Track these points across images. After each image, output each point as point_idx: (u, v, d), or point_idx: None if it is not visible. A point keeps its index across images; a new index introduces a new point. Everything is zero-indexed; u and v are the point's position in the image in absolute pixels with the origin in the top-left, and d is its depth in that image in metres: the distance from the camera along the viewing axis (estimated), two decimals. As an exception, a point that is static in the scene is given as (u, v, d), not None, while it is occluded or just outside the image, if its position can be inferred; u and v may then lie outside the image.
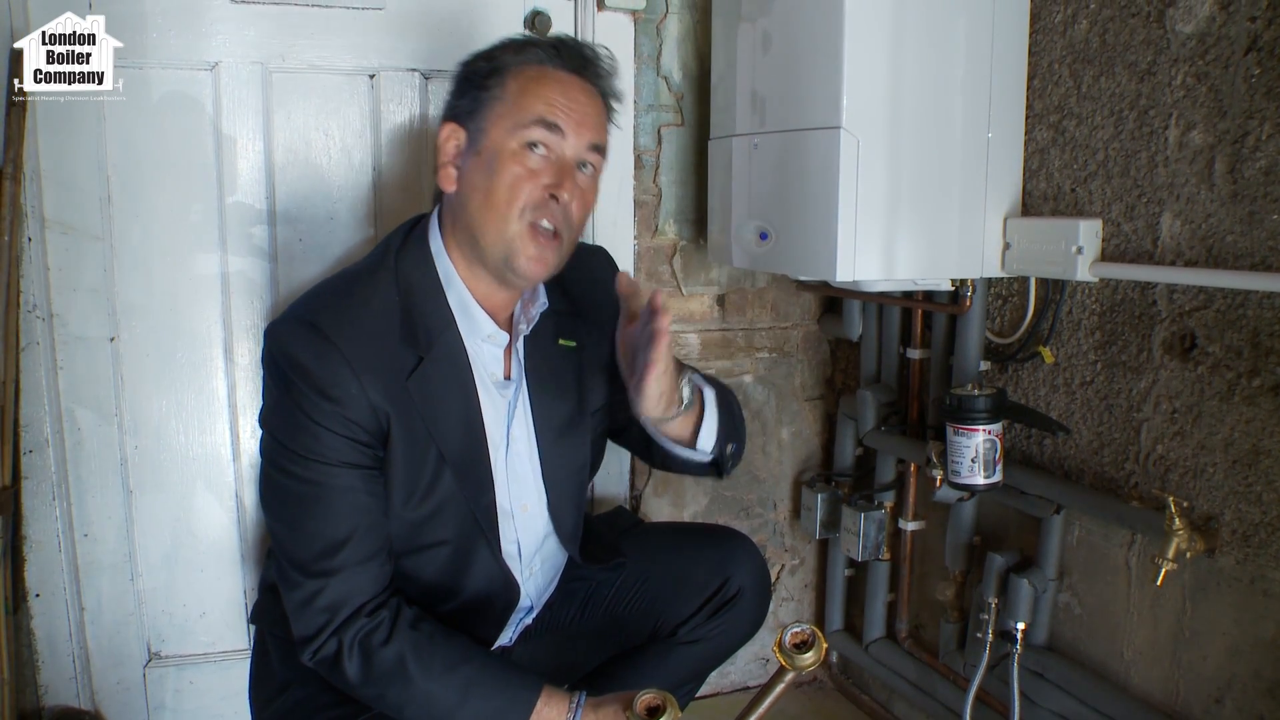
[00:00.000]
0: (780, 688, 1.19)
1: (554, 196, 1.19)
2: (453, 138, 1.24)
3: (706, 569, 1.45)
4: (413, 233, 1.28)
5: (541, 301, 1.32)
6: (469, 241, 1.23)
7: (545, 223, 1.19)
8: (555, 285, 1.35)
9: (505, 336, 1.28)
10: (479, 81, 1.22)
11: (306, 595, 1.15)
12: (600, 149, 1.24)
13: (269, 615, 1.38)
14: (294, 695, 1.29)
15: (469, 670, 1.16)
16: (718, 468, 1.34)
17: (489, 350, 1.28)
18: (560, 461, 1.37)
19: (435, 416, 1.21)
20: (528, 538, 1.36)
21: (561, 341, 1.36)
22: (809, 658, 1.16)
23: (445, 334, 1.23)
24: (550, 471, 1.36)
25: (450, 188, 1.24)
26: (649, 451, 1.38)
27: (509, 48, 1.23)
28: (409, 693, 1.14)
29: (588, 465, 1.43)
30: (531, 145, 1.19)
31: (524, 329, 1.32)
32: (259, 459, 1.24)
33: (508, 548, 1.33)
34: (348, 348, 1.15)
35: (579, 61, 1.23)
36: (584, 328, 1.39)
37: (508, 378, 1.31)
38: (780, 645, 1.17)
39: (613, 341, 1.44)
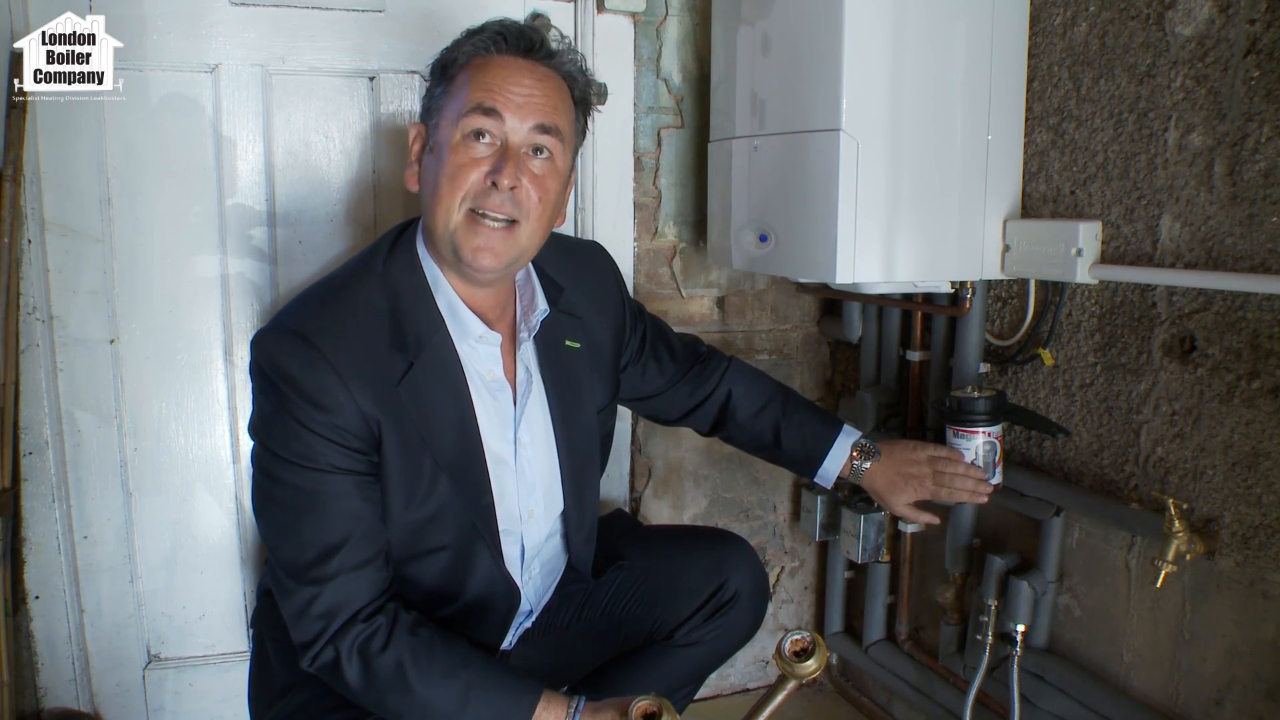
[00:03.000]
0: (781, 696, 1.19)
1: (494, 184, 1.16)
2: (418, 138, 1.25)
3: (703, 572, 1.45)
4: (401, 237, 1.28)
5: (541, 308, 1.32)
6: (429, 237, 1.23)
7: (490, 212, 1.17)
8: (552, 286, 1.35)
9: (497, 337, 1.27)
10: (436, 79, 1.23)
11: (302, 602, 1.15)
12: (553, 130, 1.19)
13: (268, 619, 1.37)
14: (295, 699, 1.29)
15: (468, 675, 1.15)
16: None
17: (484, 351, 1.27)
18: (581, 465, 1.38)
19: (428, 421, 1.20)
20: (531, 543, 1.36)
21: (568, 343, 1.37)
22: (810, 665, 1.15)
23: (435, 337, 1.22)
24: (574, 473, 1.37)
25: (414, 186, 1.25)
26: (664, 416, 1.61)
27: (462, 41, 1.22)
28: (408, 699, 1.14)
29: (600, 467, 1.44)
30: (477, 134, 1.17)
31: (524, 336, 1.31)
32: (251, 469, 1.23)
33: (510, 550, 1.33)
34: (335, 356, 1.14)
35: (524, 44, 1.20)
36: (583, 328, 1.39)
37: (512, 381, 1.31)
38: (780, 653, 1.17)
39: (614, 341, 1.44)
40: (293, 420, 1.13)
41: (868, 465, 1.53)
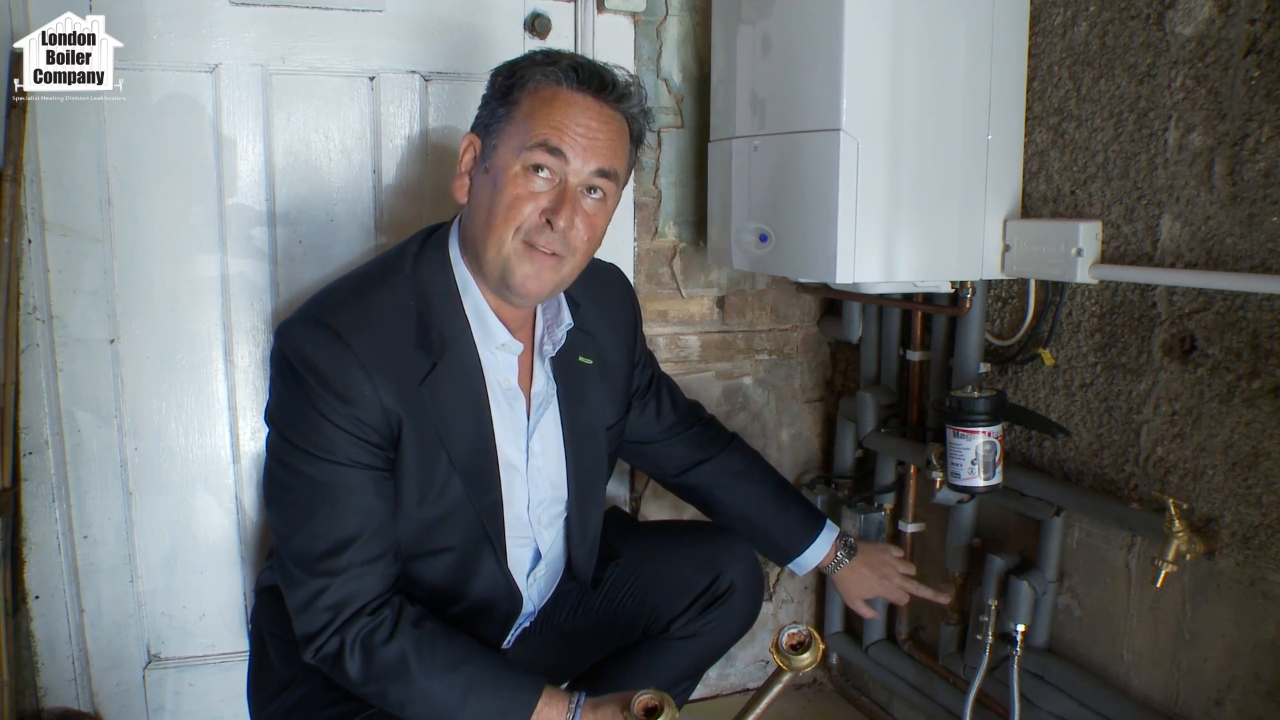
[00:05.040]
0: (778, 689, 1.19)
1: (549, 222, 1.18)
2: (470, 149, 1.24)
3: (697, 565, 1.46)
4: (431, 239, 1.28)
5: (567, 322, 1.33)
6: (472, 254, 1.24)
7: (541, 246, 1.19)
8: (570, 301, 1.36)
9: (519, 346, 1.28)
10: (499, 96, 1.21)
11: (310, 594, 1.15)
12: (611, 174, 1.21)
13: (267, 616, 1.38)
14: (295, 694, 1.29)
15: (471, 669, 1.16)
16: None
17: (503, 359, 1.28)
18: (588, 477, 1.39)
19: (446, 422, 1.21)
20: (537, 549, 1.37)
21: (581, 359, 1.37)
22: (805, 659, 1.16)
23: (459, 341, 1.23)
24: (580, 487, 1.38)
25: (462, 198, 1.25)
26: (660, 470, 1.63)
27: (532, 62, 1.20)
28: (410, 691, 1.14)
29: (606, 481, 1.45)
30: (535, 168, 1.17)
31: (549, 350, 1.32)
32: (265, 456, 1.23)
33: (522, 554, 1.33)
34: (362, 350, 1.15)
35: (596, 83, 1.20)
36: (596, 346, 1.40)
37: (526, 390, 1.31)
38: (777, 646, 1.18)
39: (624, 360, 1.45)
40: (314, 411, 1.14)
41: (847, 561, 1.58)
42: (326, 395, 1.14)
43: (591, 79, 1.19)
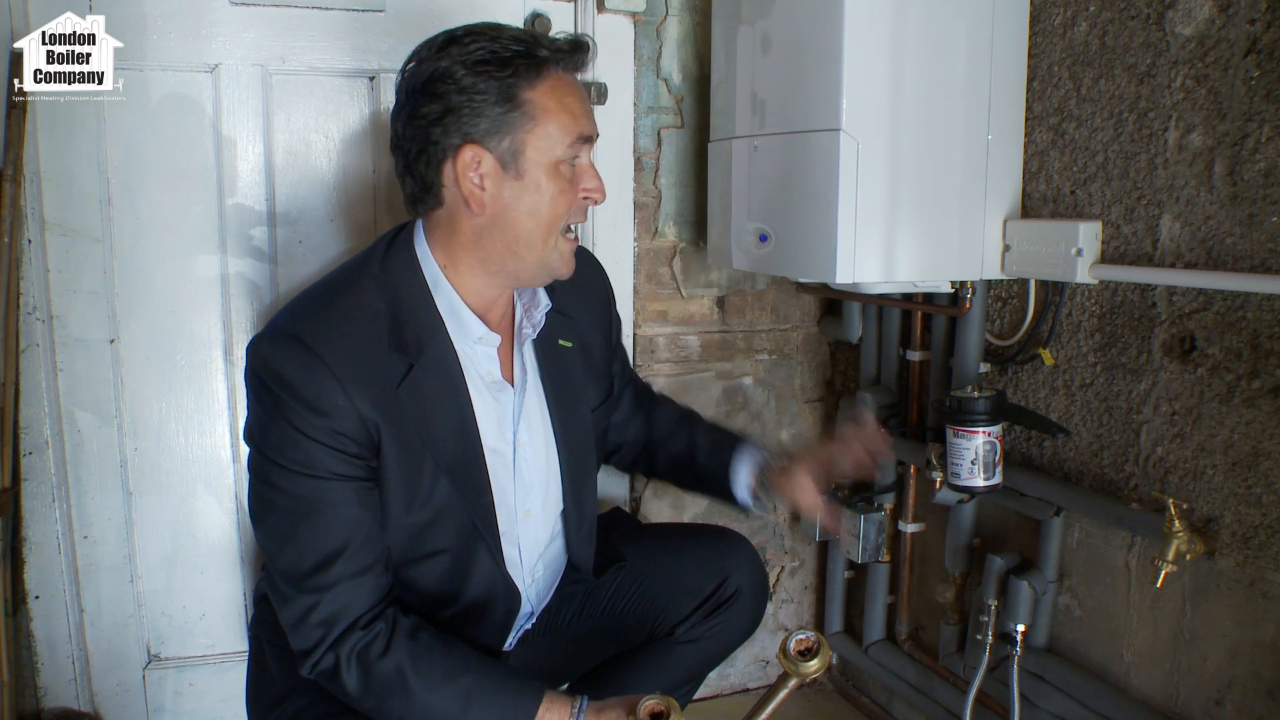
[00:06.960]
0: (784, 694, 1.20)
1: (590, 199, 1.23)
2: (479, 161, 1.17)
3: (704, 569, 1.45)
4: (396, 240, 1.27)
5: (545, 303, 1.32)
6: (497, 258, 1.22)
7: (577, 226, 1.25)
8: (546, 286, 1.36)
9: (497, 338, 1.27)
10: (497, 99, 1.16)
11: (301, 610, 1.14)
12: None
13: (266, 625, 1.37)
14: (293, 705, 1.28)
15: (469, 679, 1.15)
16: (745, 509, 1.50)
17: (482, 351, 1.27)
18: (578, 463, 1.39)
19: (428, 423, 1.20)
20: (530, 543, 1.36)
21: (561, 342, 1.37)
22: (813, 665, 1.16)
23: (435, 339, 1.22)
24: (572, 470, 1.37)
25: (482, 211, 1.19)
26: (634, 463, 1.59)
27: (518, 63, 1.16)
28: (409, 704, 1.14)
29: (597, 466, 1.45)
30: (572, 160, 1.20)
31: (529, 333, 1.32)
32: (248, 476, 1.22)
33: (510, 552, 1.33)
34: (333, 360, 1.13)
35: (583, 60, 1.22)
36: (574, 328, 1.39)
37: (508, 381, 1.31)
38: (785, 652, 1.18)
39: (602, 341, 1.45)
40: (290, 427, 1.13)
41: (779, 464, 1.43)
42: (300, 409, 1.12)
43: (581, 58, 1.22)
